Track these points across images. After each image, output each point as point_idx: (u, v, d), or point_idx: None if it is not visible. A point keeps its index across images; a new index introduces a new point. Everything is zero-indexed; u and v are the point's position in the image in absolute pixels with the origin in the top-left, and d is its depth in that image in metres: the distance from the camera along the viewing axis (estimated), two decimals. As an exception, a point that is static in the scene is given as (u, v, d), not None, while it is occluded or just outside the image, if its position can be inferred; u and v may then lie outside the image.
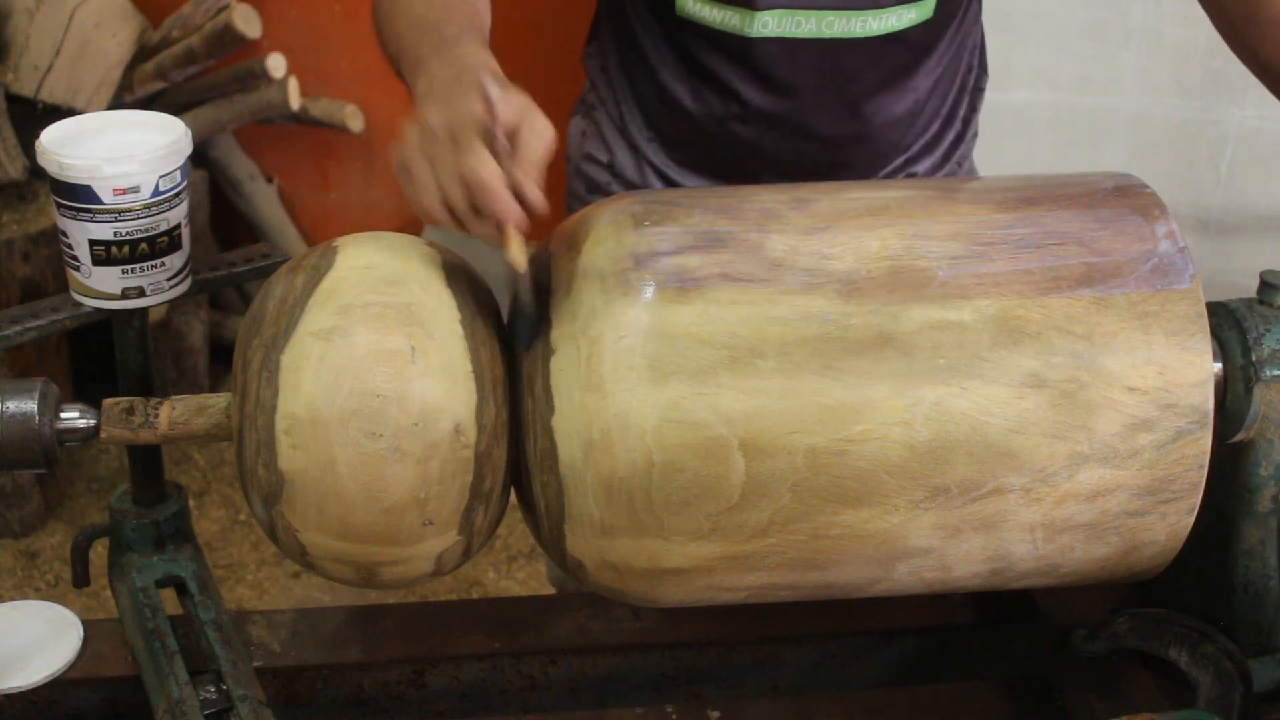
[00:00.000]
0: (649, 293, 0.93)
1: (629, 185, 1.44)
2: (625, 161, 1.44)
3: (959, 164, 1.48)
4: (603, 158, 1.46)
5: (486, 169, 0.92)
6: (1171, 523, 0.98)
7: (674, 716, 1.12)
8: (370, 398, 0.92)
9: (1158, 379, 0.95)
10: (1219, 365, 1.02)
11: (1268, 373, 1.01)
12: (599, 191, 1.46)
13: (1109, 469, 0.96)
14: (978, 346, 0.94)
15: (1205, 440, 0.97)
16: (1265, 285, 1.04)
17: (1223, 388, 1.02)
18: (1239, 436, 1.03)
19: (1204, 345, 0.96)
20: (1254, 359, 1.01)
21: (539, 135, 0.94)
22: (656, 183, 1.43)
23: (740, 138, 1.36)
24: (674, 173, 1.42)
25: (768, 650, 1.20)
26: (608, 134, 1.45)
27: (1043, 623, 1.16)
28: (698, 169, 1.41)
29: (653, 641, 1.18)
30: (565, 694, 1.18)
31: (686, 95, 1.36)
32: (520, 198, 0.93)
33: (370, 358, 0.92)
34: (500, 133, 0.93)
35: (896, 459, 0.93)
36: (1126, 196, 1.02)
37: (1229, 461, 1.04)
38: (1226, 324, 1.03)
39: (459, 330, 0.95)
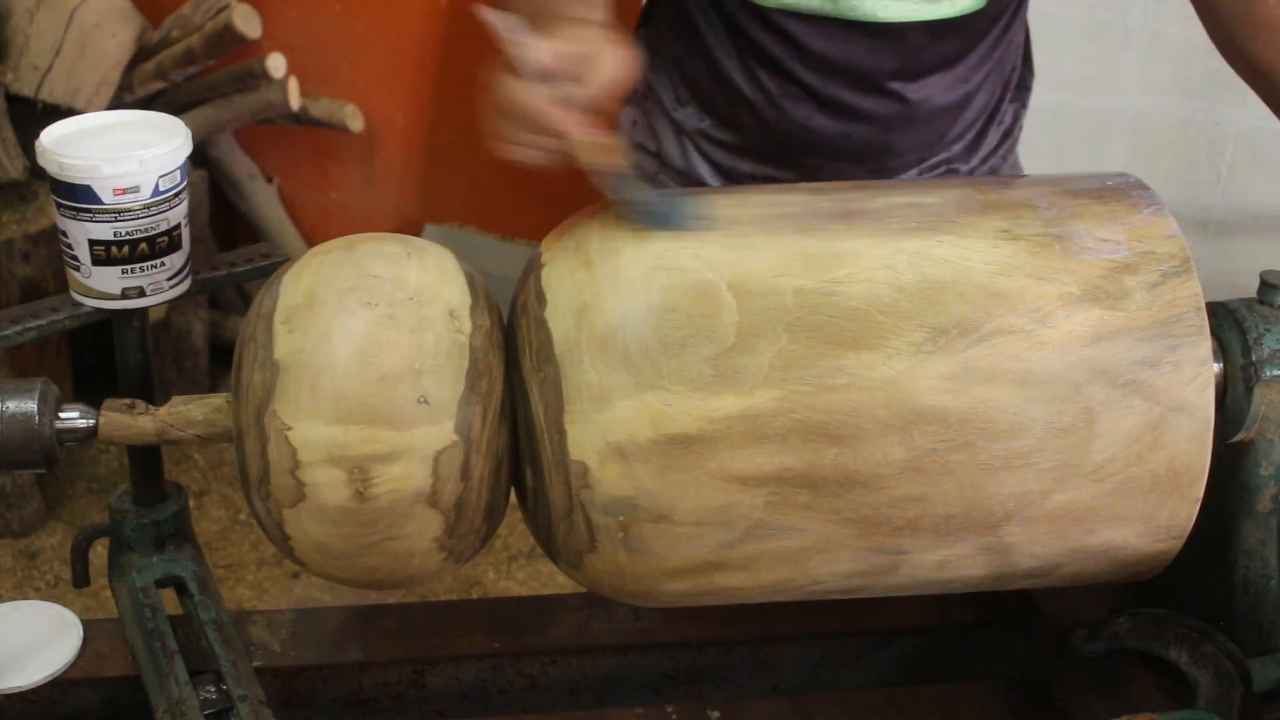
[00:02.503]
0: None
1: (676, 173, 1.46)
2: (672, 150, 1.46)
3: (1004, 158, 1.48)
4: (650, 146, 1.48)
5: (518, 93, 0.98)
6: (1189, 378, 0.96)
7: (674, 716, 1.12)
8: (367, 278, 0.96)
9: (1129, 234, 0.99)
10: (1219, 365, 1.02)
11: (1268, 373, 1.01)
12: (647, 180, 1.46)
13: (1104, 310, 0.96)
14: (945, 214, 1.00)
15: (1194, 284, 0.97)
16: (1265, 285, 1.04)
17: (1223, 387, 1.02)
18: (1239, 436, 1.03)
19: (1165, 212, 1.00)
20: (1254, 359, 1.01)
21: (602, 62, 1.01)
22: (703, 169, 1.44)
23: (791, 117, 1.37)
24: (722, 156, 1.43)
25: (768, 650, 1.20)
26: (656, 122, 1.47)
27: (1043, 623, 1.16)
28: (747, 153, 1.42)
29: (653, 641, 1.18)
30: (565, 694, 1.18)
31: (740, 74, 1.37)
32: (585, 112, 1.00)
33: (368, 254, 0.98)
34: (528, 58, 0.99)
35: (887, 299, 0.95)
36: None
37: (1229, 461, 1.04)
38: (1226, 324, 1.03)
39: (454, 259, 1.01)
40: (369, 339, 0.93)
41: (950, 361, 0.94)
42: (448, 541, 0.97)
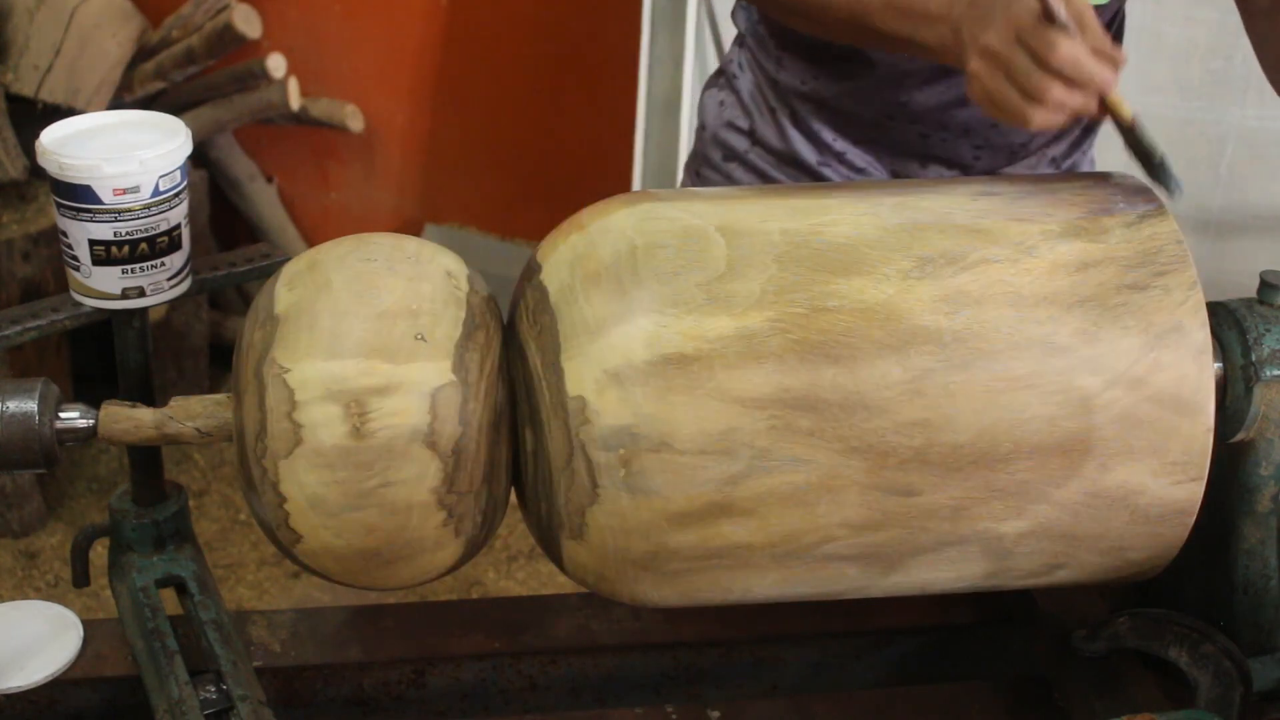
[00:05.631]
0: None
1: (770, 150, 1.45)
2: (766, 129, 1.45)
3: (1084, 152, 1.48)
4: (743, 125, 1.48)
5: (1072, 48, 1.01)
6: (1179, 300, 0.97)
7: (674, 716, 1.12)
8: (367, 244, 1.00)
9: (1100, 189, 1.04)
10: (1219, 365, 1.02)
11: (1268, 373, 1.01)
12: (736, 159, 1.48)
13: (1086, 242, 0.99)
14: (924, 184, 1.07)
15: (1171, 222, 1.01)
16: (1265, 285, 1.04)
17: (1223, 387, 1.02)
18: (1239, 436, 1.03)
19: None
20: (1254, 359, 1.01)
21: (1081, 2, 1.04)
22: (800, 145, 1.43)
23: (910, 76, 1.35)
24: (822, 127, 1.42)
25: (768, 650, 1.20)
26: (749, 101, 1.47)
27: (1043, 623, 1.16)
28: (851, 121, 1.40)
29: (653, 641, 1.18)
30: (565, 694, 1.18)
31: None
32: (1104, 59, 1.03)
33: (369, 237, 1.02)
34: (1059, 9, 1.01)
35: (872, 235, 0.98)
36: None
37: (1229, 461, 1.04)
38: (1226, 324, 1.03)
39: (452, 254, 1.04)
40: (367, 285, 0.96)
41: (940, 286, 0.96)
42: (447, 497, 0.95)
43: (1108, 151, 1.51)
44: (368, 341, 0.94)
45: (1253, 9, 1.27)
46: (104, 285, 1.08)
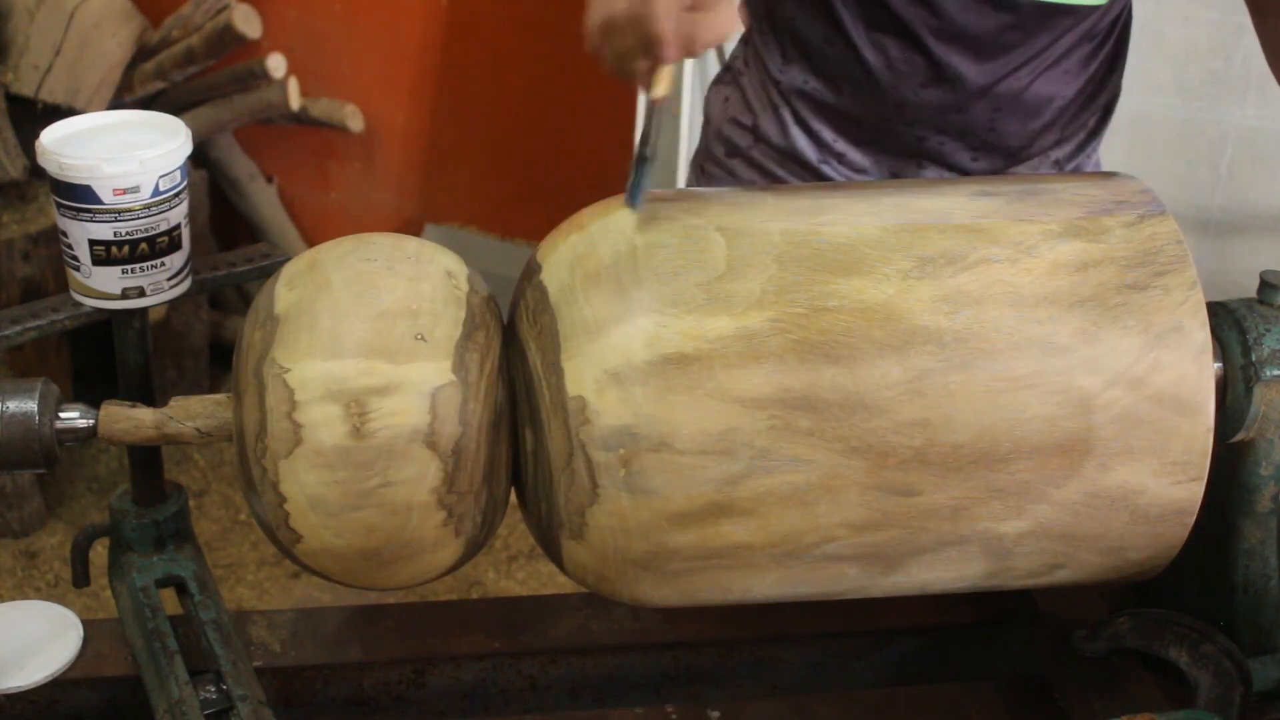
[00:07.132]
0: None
1: (772, 147, 1.46)
2: (769, 126, 1.46)
3: (1088, 155, 1.48)
4: (746, 121, 1.48)
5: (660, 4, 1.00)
6: (1179, 300, 0.97)
7: (674, 716, 1.12)
8: (367, 244, 1.00)
9: (1100, 190, 1.03)
10: (1219, 365, 1.02)
11: (1268, 373, 1.01)
12: (739, 155, 1.49)
13: (1086, 242, 0.99)
14: (922, 184, 1.07)
15: (1171, 222, 1.00)
16: (1265, 285, 1.04)
17: (1223, 388, 1.02)
18: (1239, 436, 1.03)
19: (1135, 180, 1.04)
20: (1254, 359, 1.01)
21: (717, 11, 1.02)
22: (801, 142, 1.44)
23: (907, 82, 1.36)
24: (822, 126, 1.42)
25: (768, 650, 1.20)
26: (752, 98, 1.48)
27: (1043, 623, 1.16)
28: (849, 121, 1.41)
29: (653, 641, 1.18)
30: (565, 694, 1.18)
31: (861, 36, 1.36)
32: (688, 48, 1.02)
33: (369, 237, 1.02)
34: None
35: (872, 236, 0.98)
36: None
37: (1229, 461, 1.04)
38: (1226, 324, 1.03)
39: (452, 254, 1.04)
40: (367, 285, 0.96)
41: (940, 286, 0.96)
42: (447, 497, 0.95)
43: (1111, 152, 1.52)
44: (368, 341, 0.94)
45: (1264, 9, 1.27)
46: (104, 285, 1.08)
